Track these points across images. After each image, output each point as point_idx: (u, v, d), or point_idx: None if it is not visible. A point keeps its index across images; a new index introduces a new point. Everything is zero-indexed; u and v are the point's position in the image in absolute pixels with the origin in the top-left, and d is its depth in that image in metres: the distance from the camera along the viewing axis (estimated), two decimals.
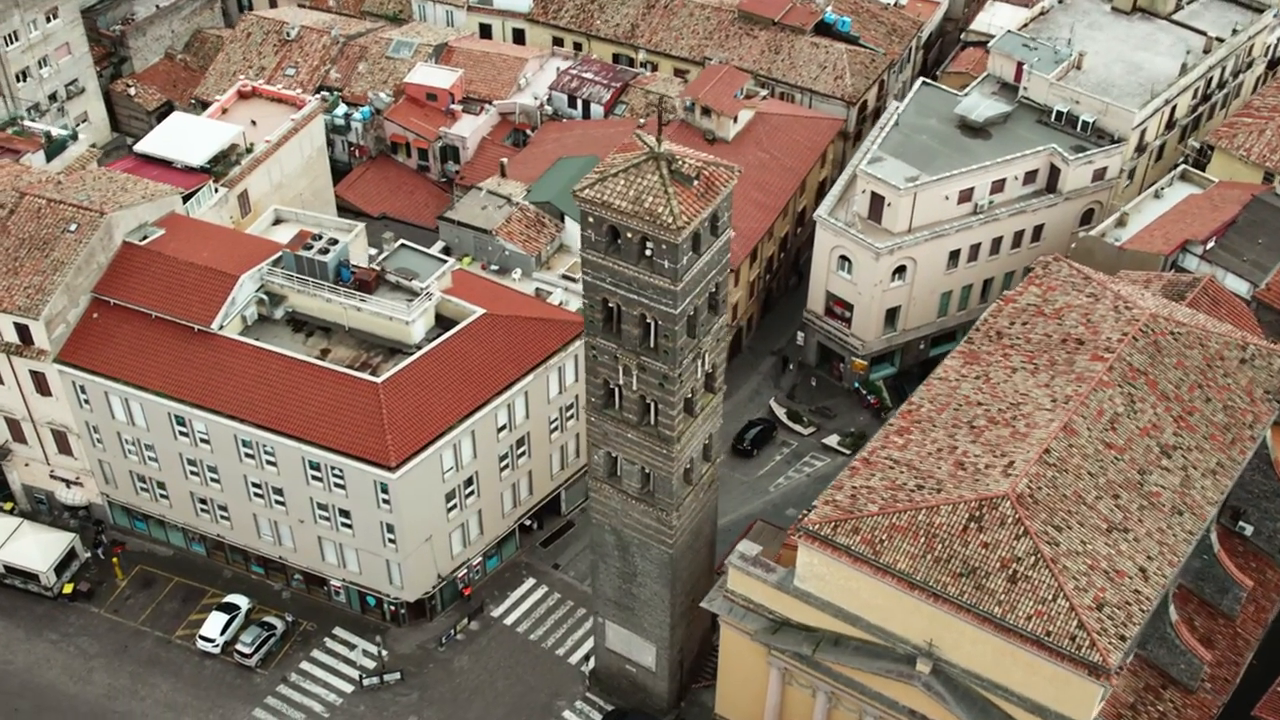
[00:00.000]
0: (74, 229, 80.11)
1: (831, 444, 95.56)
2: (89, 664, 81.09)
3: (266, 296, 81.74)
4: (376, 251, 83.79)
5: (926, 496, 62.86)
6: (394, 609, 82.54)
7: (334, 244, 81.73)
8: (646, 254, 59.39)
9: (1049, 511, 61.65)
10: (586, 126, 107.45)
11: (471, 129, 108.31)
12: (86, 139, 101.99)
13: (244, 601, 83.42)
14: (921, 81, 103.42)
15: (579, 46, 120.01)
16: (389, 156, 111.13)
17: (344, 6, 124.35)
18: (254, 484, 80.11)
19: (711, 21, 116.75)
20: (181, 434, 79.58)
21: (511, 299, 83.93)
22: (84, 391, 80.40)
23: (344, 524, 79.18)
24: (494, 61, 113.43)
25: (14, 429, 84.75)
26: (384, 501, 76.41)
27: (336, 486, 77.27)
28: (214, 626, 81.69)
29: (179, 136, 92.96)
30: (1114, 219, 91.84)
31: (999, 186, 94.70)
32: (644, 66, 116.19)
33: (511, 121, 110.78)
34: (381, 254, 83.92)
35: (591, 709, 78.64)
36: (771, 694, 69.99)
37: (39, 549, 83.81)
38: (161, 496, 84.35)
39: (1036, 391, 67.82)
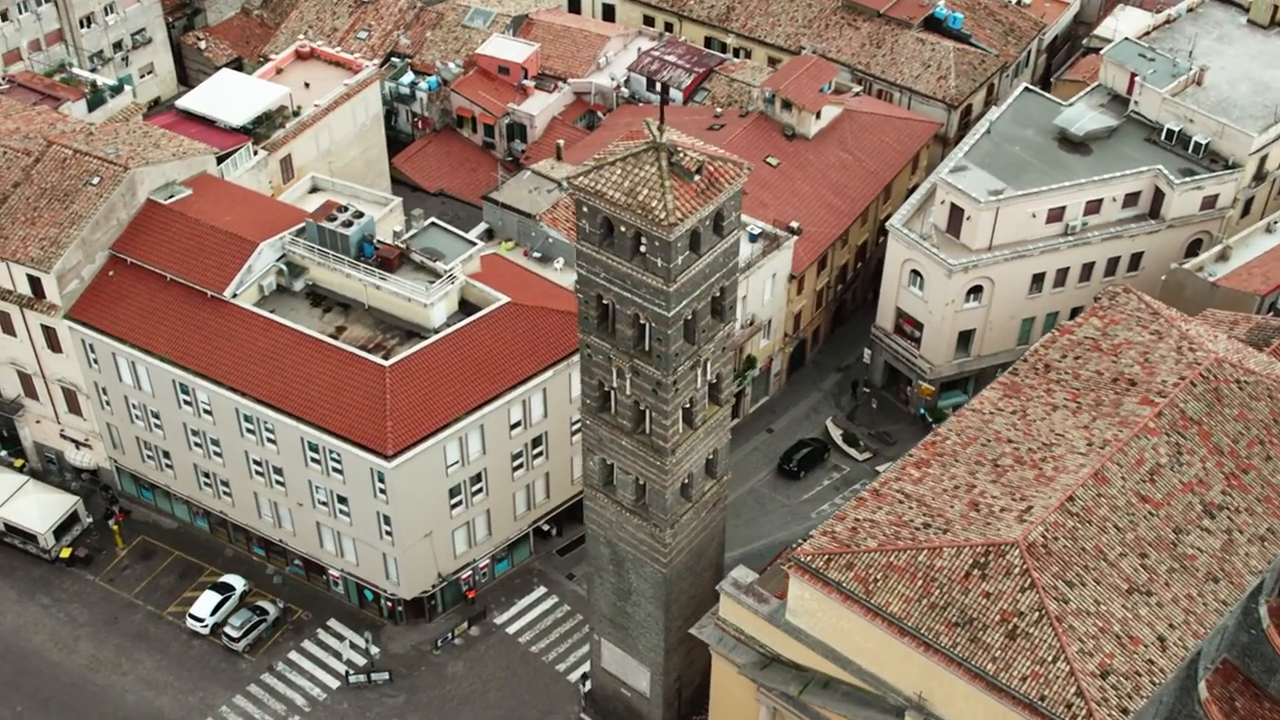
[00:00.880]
0: (96, 182, 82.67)
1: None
2: (76, 632, 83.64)
3: (286, 267, 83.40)
4: (402, 228, 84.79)
5: (931, 536, 61.64)
6: (391, 605, 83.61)
7: (359, 217, 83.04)
8: (641, 250, 59.24)
9: (1062, 565, 59.98)
10: (658, 111, 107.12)
11: (541, 107, 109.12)
12: (132, 92, 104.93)
13: (240, 583, 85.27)
14: (1023, 87, 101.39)
15: (669, 27, 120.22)
16: (454, 131, 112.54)
17: None
18: (255, 461, 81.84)
19: (813, 9, 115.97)
20: (186, 403, 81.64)
21: (543, 289, 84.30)
22: (93, 351, 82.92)
23: (342, 511, 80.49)
24: (574, 37, 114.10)
25: (26, 384, 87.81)
26: (380, 491, 77.44)
27: (334, 471, 78.59)
28: (205, 606, 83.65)
29: (223, 94, 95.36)
30: (1215, 252, 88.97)
31: (1095, 207, 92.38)
32: (734, 53, 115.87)
33: (586, 102, 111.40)
34: (409, 231, 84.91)
35: None
36: None
37: (40, 510, 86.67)
38: (166, 466, 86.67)
39: (1073, 433, 66.05)
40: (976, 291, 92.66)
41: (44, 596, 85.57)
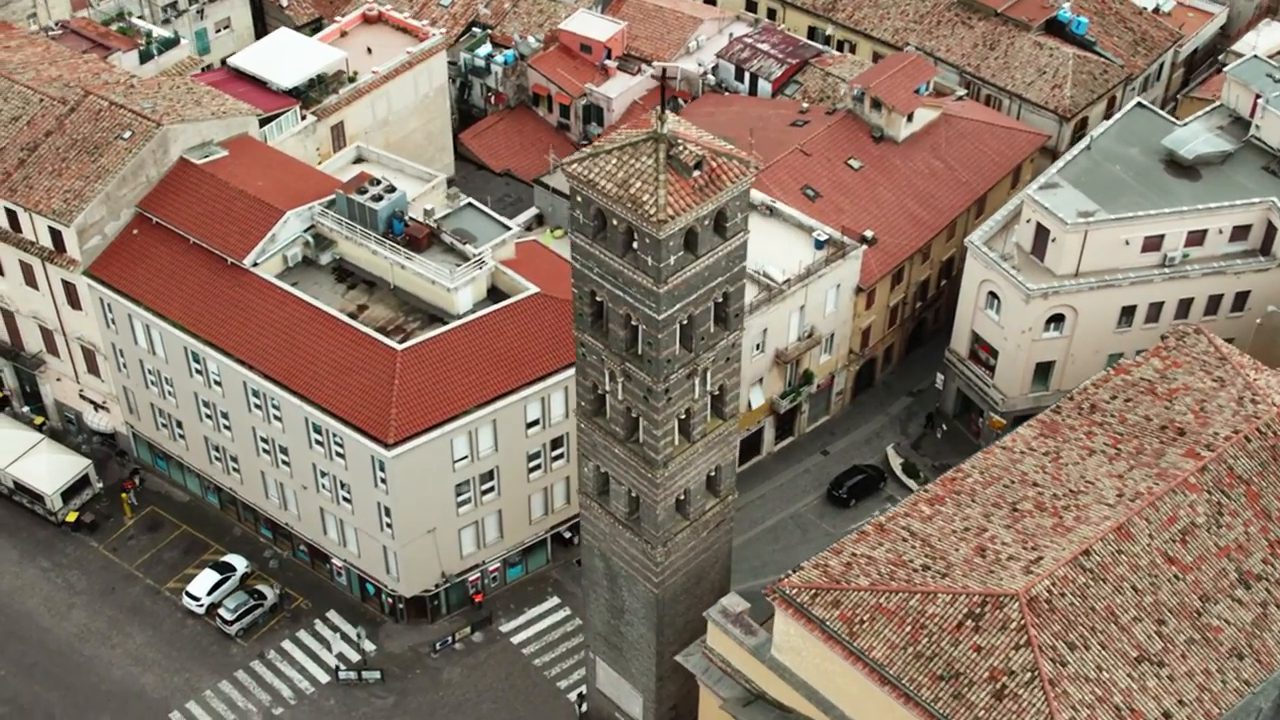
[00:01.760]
0: (127, 136, 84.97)
1: None
2: (72, 600, 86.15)
3: (313, 239, 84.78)
4: (433, 207, 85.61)
5: (927, 580, 60.57)
6: (392, 601, 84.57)
7: (391, 192, 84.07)
8: (633, 247, 59.10)
9: (1066, 624, 58.46)
10: (746, 104, 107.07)
11: (621, 89, 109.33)
12: (201, 47, 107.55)
13: (242, 564, 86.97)
14: (1135, 102, 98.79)
15: (772, 14, 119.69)
16: (529, 109, 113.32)
17: None
18: (262, 439, 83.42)
19: (926, 3, 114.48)
20: (197, 372, 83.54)
21: None
22: (110, 310, 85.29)
23: (344, 498, 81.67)
24: (665, 18, 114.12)
25: (48, 339, 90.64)
26: (381, 480, 78.37)
27: (337, 455, 79.73)
28: (202, 585, 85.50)
29: (277, 54, 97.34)
30: None
31: (1198, 239, 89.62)
32: (837, 46, 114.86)
33: (671, 87, 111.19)
34: (442, 211, 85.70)
35: None
36: None
37: (50, 470, 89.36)
38: (179, 436, 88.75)
39: (1105, 481, 64.38)
40: (1058, 320, 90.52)
41: (45, 560, 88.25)
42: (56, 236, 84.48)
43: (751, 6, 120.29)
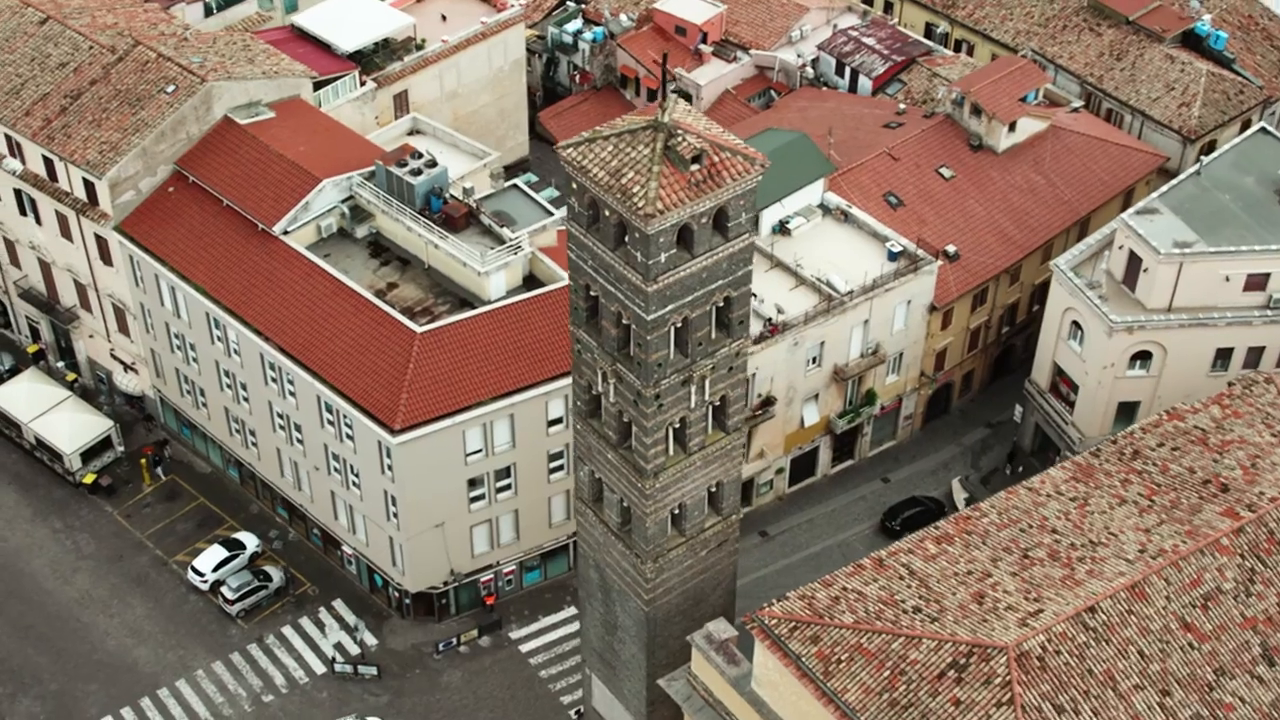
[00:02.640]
0: (171, 90, 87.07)
1: None
2: (77, 564, 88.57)
3: (349, 210, 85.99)
4: (472, 186, 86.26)
5: (915, 622, 59.50)
6: (399, 596, 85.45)
7: (431, 166, 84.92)
8: (625, 241, 58.99)
9: (1056, 684, 57.02)
10: (842, 101, 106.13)
11: (711, 77, 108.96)
12: (290, 4, 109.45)
13: (253, 543, 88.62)
14: (1259, 127, 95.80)
15: (889, 7, 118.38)
16: (616, 90, 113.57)
17: None
18: (278, 414, 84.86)
19: (1053, 6, 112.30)
20: (218, 339, 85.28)
21: None
22: (139, 269, 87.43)
23: (354, 483, 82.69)
24: (770, 4, 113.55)
25: (81, 295, 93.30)
26: (388, 468, 79.23)
27: (347, 438, 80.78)
28: (209, 561, 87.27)
29: (342, 16, 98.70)
30: None
31: None
32: (954, 46, 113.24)
33: (768, 78, 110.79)
34: (485, 190, 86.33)
35: None
36: None
37: (71, 429, 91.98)
38: (202, 404, 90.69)
39: (1129, 534, 62.71)
40: (1144, 358, 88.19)
41: (57, 520, 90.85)
42: (90, 188, 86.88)
43: None
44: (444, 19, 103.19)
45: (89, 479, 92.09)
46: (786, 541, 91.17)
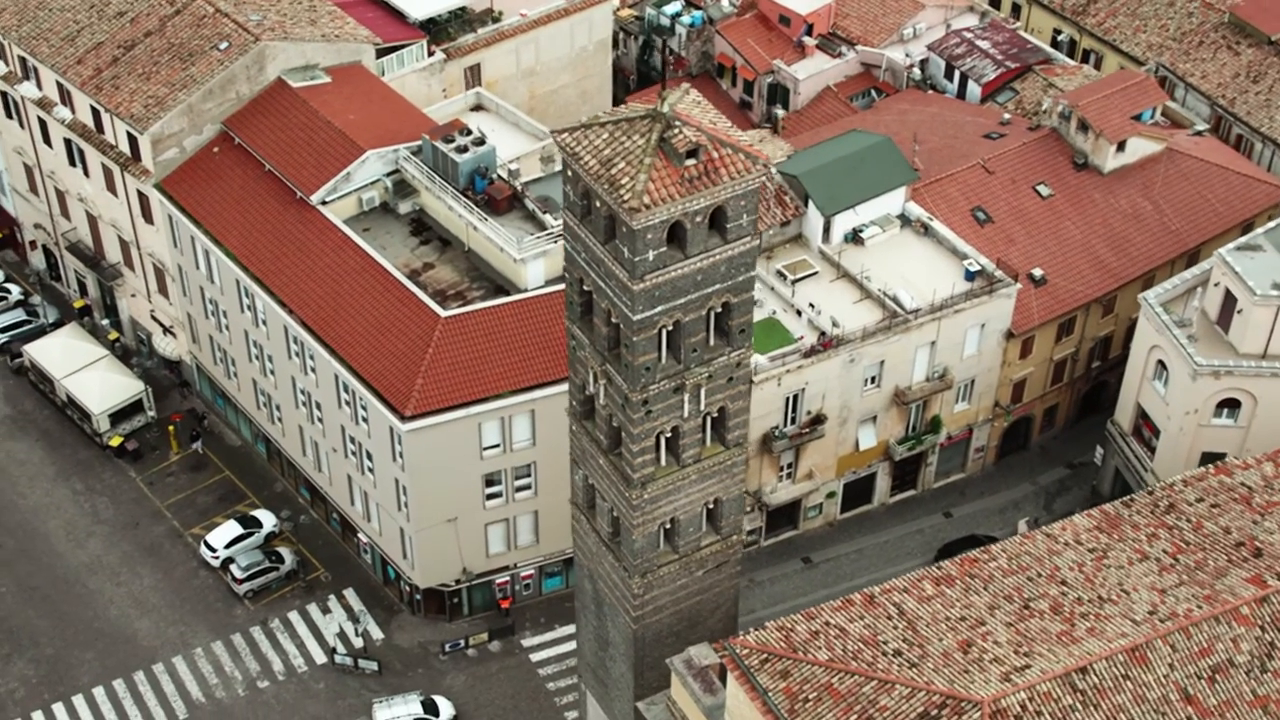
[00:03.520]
0: (223, 48, 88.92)
1: None
2: (92, 528, 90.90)
3: (392, 185, 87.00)
4: (518, 168, 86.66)
5: (892, 667, 58.61)
6: (410, 590, 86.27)
7: (479, 144, 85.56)
8: (615, 236, 58.98)
9: None
10: (946, 106, 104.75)
11: (811, 71, 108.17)
12: None
13: (270, 521, 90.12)
14: None
15: (1016, 10, 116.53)
16: (712, 79, 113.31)
17: None
18: (301, 390, 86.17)
19: (1193, 19, 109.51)
20: (247, 307, 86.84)
21: None
22: (176, 229, 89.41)
23: (369, 468, 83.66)
24: None
25: (125, 252, 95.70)
26: (399, 455, 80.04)
27: (362, 420, 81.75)
28: (222, 536, 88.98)
29: None
30: None
31: None
32: (1081, 56, 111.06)
33: (873, 76, 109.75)
34: (534, 174, 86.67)
35: None
36: None
37: (102, 389, 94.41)
38: (233, 374, 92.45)
39: (1142, 594, 61.10)
40: (1232, 406, 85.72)
41: (79, 481, 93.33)
42: (133, 143, 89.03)
43: (994, 1, 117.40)
44: None
45: (115, 441, 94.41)
46: (830, 570, 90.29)
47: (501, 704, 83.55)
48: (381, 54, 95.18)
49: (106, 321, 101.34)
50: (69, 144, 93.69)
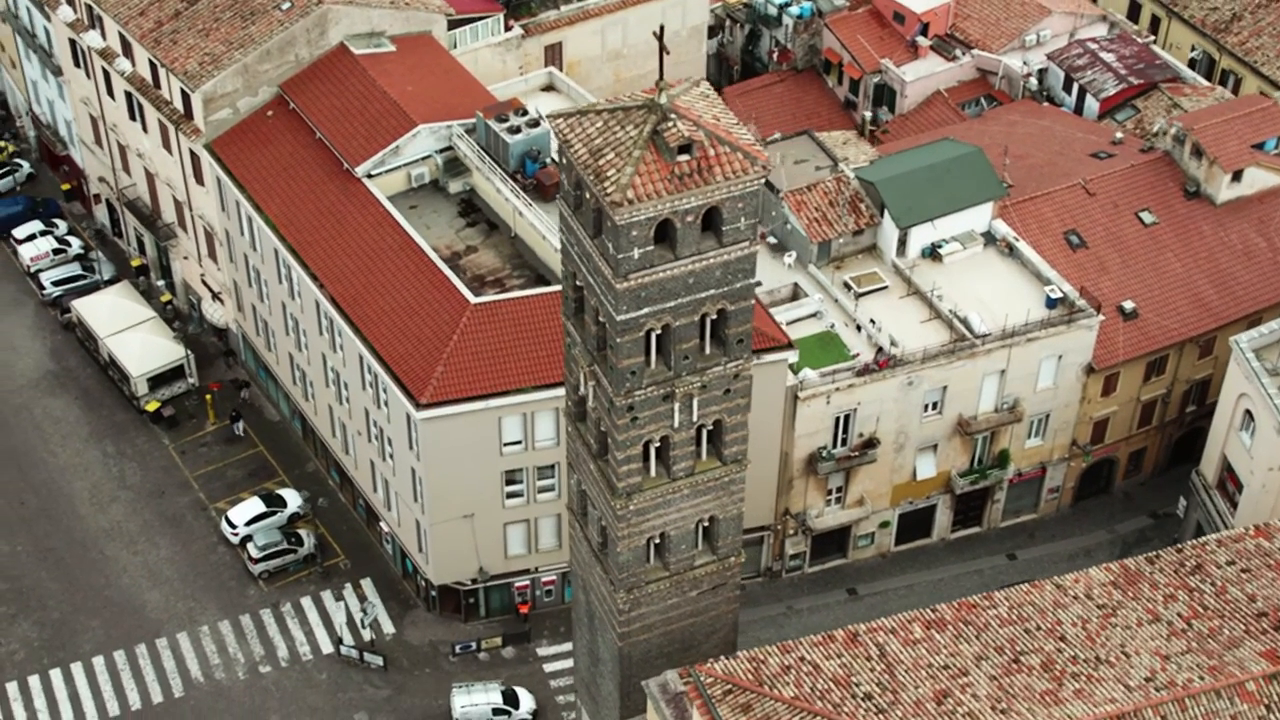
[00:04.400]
0: (285, 8, 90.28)
1: None
2: (117, 494, 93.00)
3: (443, 163, 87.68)
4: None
5: (859, 710, 57.79)
6: (426, 585, 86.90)
7: (534, 126, 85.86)
8: (602, 230, 58.85)
9: None
10: (1058, 119, 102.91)
11: (920, 74, 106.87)
12: None
13: (295, 501, 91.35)
14: None
15: (1155, 24, 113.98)
16: (818, 75, 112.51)
17: None
18: (331, 369, 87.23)
19: None
20: (284, 278, 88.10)
21: None
22: (223, 193, 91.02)
23: (389, 455, 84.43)
24: (1009, 1, 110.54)
25: (179, 213, 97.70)
26: (414, 443, 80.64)
27: (383, 404, 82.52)
28: (244, 513, 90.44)
29: None
30: None
31: None
32: (1222, 77, 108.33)
33: (988, 83, 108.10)
34: None
35: None
36: None
37: (143, 352, 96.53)
38: (273, 346, 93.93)
39: (1143, 658, 59.62)
40: None
41: (110, 444, 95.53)
42: (186, 100, 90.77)
43: (1134, 12, 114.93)
44: None
45: (151, 407, 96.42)
46: (876, 605, 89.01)
47: None
48: (455, 25, 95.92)
49: (162, 282, 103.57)
50: (129, 97, 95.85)
